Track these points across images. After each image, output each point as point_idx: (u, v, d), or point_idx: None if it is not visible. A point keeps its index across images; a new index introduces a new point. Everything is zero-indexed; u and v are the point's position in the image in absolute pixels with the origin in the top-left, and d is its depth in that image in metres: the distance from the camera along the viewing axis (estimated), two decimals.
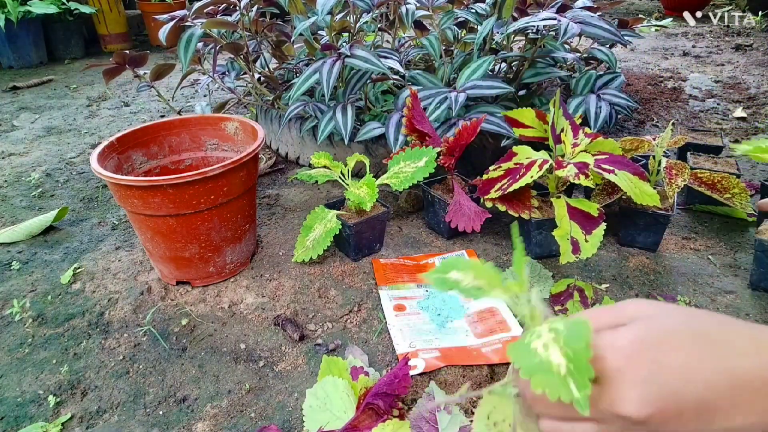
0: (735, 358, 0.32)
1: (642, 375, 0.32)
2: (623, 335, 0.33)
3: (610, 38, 0.93)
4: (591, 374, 0.30)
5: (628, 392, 0.32)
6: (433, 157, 0.84)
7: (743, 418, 0.32)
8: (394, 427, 0.54)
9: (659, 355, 0.32)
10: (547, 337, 0.33)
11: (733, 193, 0.87)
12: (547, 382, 0.31)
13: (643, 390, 0.31)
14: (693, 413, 0.32)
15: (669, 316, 0.34)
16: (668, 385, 0.31)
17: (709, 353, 0.32)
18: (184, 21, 1.05)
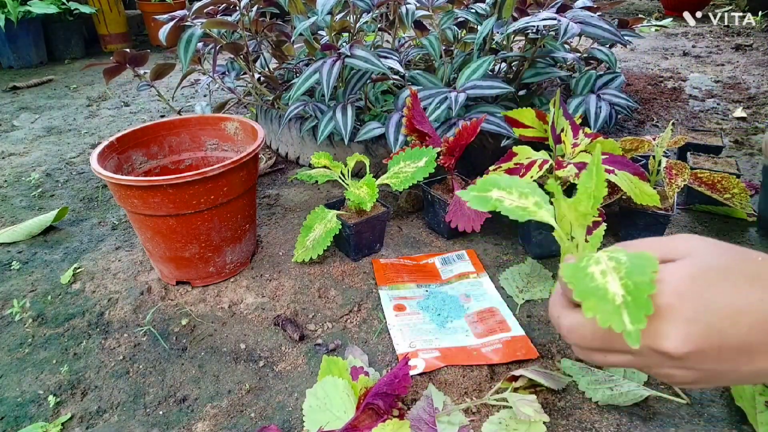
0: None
1: (689, 314, 0.31)
2: (674, 271, 0.33)
3: (610, 38, 0.93)
4: (650, 310, 0.30)
5: (672, 329, 0.31)
6: (433, 157, 0.84)
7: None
8: (394, 427, 0.54)
9: (708, 295, 0.32)
10: (606, 265, 0.33)
11: (733, 193, 0.87)
12: (600, 309, 0.31)
13: (688, 328, 0.31)
14: (734, 353, 0.32)
15: (721, 254, 0.34)
16: (713, 325, 0.31)
17: (759, 296, 0.32)
18: (184, 21, 1.05)
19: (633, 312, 0.30)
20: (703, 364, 0.33)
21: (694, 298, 0.32)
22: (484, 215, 0.84)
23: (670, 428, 0.58)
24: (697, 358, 0.32)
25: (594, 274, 0.33)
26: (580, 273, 0.33)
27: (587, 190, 0.38)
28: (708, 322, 0.31)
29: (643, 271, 0.32)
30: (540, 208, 0.39)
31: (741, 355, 0.32)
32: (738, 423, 0.58)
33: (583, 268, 0.33)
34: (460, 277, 0.83)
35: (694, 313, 0.31)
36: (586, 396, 0.62)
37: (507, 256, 0.90)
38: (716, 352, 0.32)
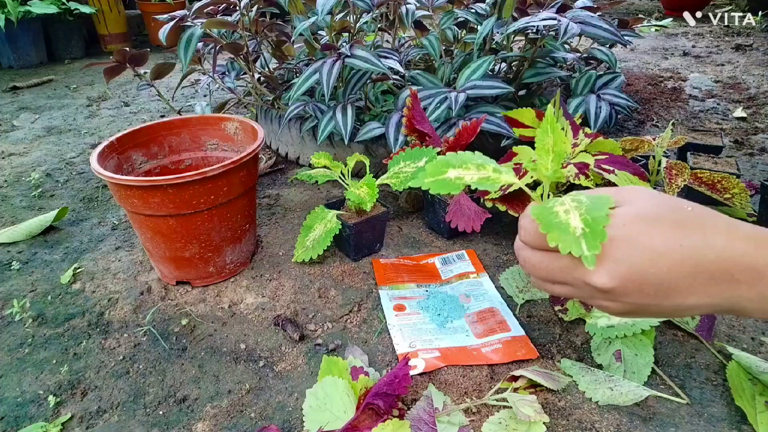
0: (702, 248, 0.36)
1: (615, 254, 0.36)
2: (615, 216, 0.37)
3: (610, 38, 0.93)
4: (604, 238, 0.35)
5: (600, 267, 0.37)
6: (433, 157, 0.84)
7: (696, 298, 0.37)
8: (394, 427, 0.54)
9: (634, 239, 0.36)
10: (569, 205, 0.38)
11: (733, 193, 0.87)
12: (562, 239, 0.36)
13: (614, 267, 0.36)
14: (652, 290, 0.37)
15: (655, 204, 0.38)
16: (635, 265, 0.36)
17: (680, 241, 0.36)
18: (184, 21, 1.05)
19: (590, 240, 0.35)
20: (627, 298, 0.38)
21: (622, 242, 0.36)
22: (485, 215, 0.84)
23: (670, 428, 0.58)
24: (620, 292, 0.37)
25: (558, 213, 0.38)
26: (547, 212, 0.38)
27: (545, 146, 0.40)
28: (631, 263, 0.36)
29: (600, 208, 0.37)
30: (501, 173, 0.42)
31: (660, 292, 0.37)
32: (738, 423, 0.58)
33: (550, 208, 0.38)
34: (460, 277, 0.83)
35: (620, 254, 0.36)
36: (586, 396, 0.62)
37: (507, 256, 0.90)
38: (638, 289, 0.37)
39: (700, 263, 0.36)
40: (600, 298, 0.39)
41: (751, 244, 0.36)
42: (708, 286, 0.37)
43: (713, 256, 0.36)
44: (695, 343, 0.69)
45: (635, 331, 0.67)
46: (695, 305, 0.38)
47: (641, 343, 0.67)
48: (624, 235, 0.37)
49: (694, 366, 0.66)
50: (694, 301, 0.37)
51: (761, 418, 0.57)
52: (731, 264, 0.36)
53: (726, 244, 0.36)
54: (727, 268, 0.36)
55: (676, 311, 0.39)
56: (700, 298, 0.37)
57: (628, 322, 0.68)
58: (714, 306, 0.38)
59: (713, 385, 0.63)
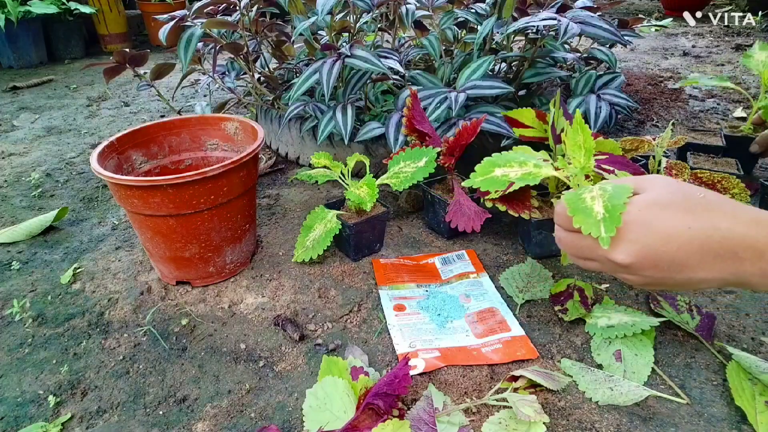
0: (708, 230, 0.42)
1: (632, 236, 0.43)
2: (633, 203, 0.44)
3: (610, 38, 0.93)
4: (619, 223, 0.42)
5: (620, 246, 0.44)
6: (433, 157, 0.84)
7: (705, 273, 0.43)
8: (394, 427, 0.54)
9: (649, 222, 0.43)
10: (596, 192, 0.45)
11: (733, 194, 0.87)
12: (585, 221, 0.43)
13: (629, 246, 0.43)
14: (666, 265, 0.43)
15: (670, 192, 0.44)
16: (648, 245, 0.43)
17: (689, 224, 0.42)
18: (184, 21, 1.05)
19: (608, 224, 0.43)
20: (645, 272, 0.44)
21: (637, 225, 0.43)
22: (485, 215, 0.84)
23: (670, 428, 0.58)
24: (638, 267, 0.44)
25: (586, 199, 0.45)
26: (576, 198, 0.45)
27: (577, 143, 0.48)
28: (644, 243, 0.43)
29: (619, 197, 0.43)
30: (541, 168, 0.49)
31: (673, 268, 0.43)
32: (738, 423, 0.58)
33: (579, 194, 0.46)
34: (460, 277, 0.83)
35: (635, 236, 0.43)
36: (586, 396, 0.62)
37: (507, 256, 0.90)
38: (653, 264, 0.43)
39: (707, 243, 0.41)
40: (622, 272, 0.46)
41: (753, 226, 0.41)
42: (715, 263, 0.42)
43: (718, 236, 0.41)
44: (695, 343, 0.69)
45: (635, 331, 0.67)
46: (705, 279, 0.43)
47: (641, 343, 0.67)
48: (639, 219, 0.43)
49: (694, 366, 0.66)
50: (704, 275, 0.43)
51: (761, 418, 0.57)
52: (734, 244, 0.41)
53: (730, 226, 0.41)
54: (731, 247, 0.41)
55: (689, 284, 0.44)
56: (708, 273, 0.42)
57: (628, 322, 0.68)
58: (723, 280, 0.43)
59: (713, 385, 0.63)
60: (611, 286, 0.81)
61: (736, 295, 0.78)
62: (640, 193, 0.45)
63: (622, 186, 0.45)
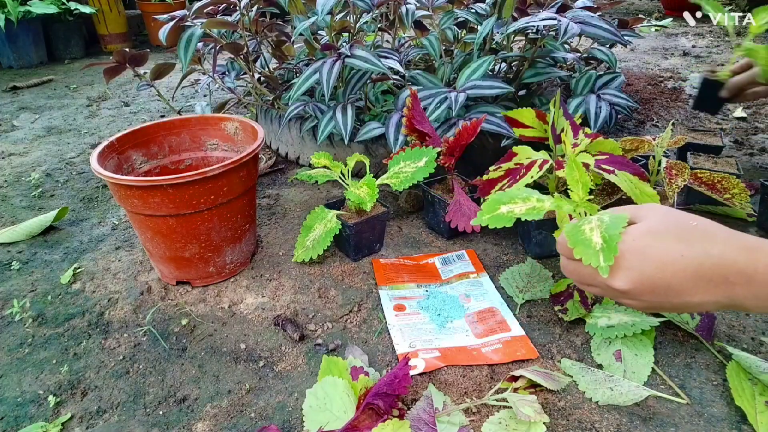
0: (700, 257, 0.44)
1: (627, 264, 0.46)
2: (629, 232, 0.47)
3: (610, 38, 0.93)
4: (616, 252, 0.45)
5: (618, 274, 0.46)
6: (433, 157, 0.84)
7: (700, 297, 0.45)
8: (394, 427, 0.54)
9: (644, 250, 0.45)
10: (594, 224, 0.48)
11: (733, 193, 0.87)
12: (585, 252, 0.46)
13: (627, 274, 0.46)
14: (662, 291, 0.45)
15: (665, 221, 0.47)
16: (645, 272, 0.45)
17: (682, 252, 0.45)
18: (184, 21, 1.05)
19: (606, 254, 0.45)
20: (643, 297, 0.47)
21: (633, 254, 0.46)
22: None
23: (670, 428, 0.58)
24: (636, 293, 0.46)
25: (585, 230, 0.48)
26: (576, 229, 0.48)
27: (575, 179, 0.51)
28: (641, 270, 0.45)
29: (616, 227, 0.46)
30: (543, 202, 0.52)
31: (669, 293, 0.45)
32: (738, 423, 0.58)
33: (579, 226, 0.49)
34: (460, 277, 0.83)
35: (631, 264, 0.46)
36: (586, 396, 0.62)
37: (507, 256, 0.90)
38: (650, 290, 0.46)
39: (700, 270, 0.44)
40: (622, 297, 0.48)
41: (743, 252, 0.44)
42: (708, 288, 0.44)
43: (710, 263, 0.44)
44: (695, 343, 0.69)
45: (635, 331, 0.67)
46: (701, 302, 0.45)
47: (641, 343, 0.67)
48: (635, 248, 0.46)
49: (694, 366, 0.66)
50: (699, 299, 0.45)
51: (761, 418, 0.57)
52: (726, 270, 0.43)
53: (721, 253, 0.44)
54: (722, 273, 0.44)
55: (686, 307, 0.46)
56: (703, 297, 0.45)
57: (628, 322, 0.68)
58: (717, 303, 0.45)
59: (713, 385, 0.63)
60: None
61: None
62: (636, 222, 0.48)
63: (618, 216, 0.48)
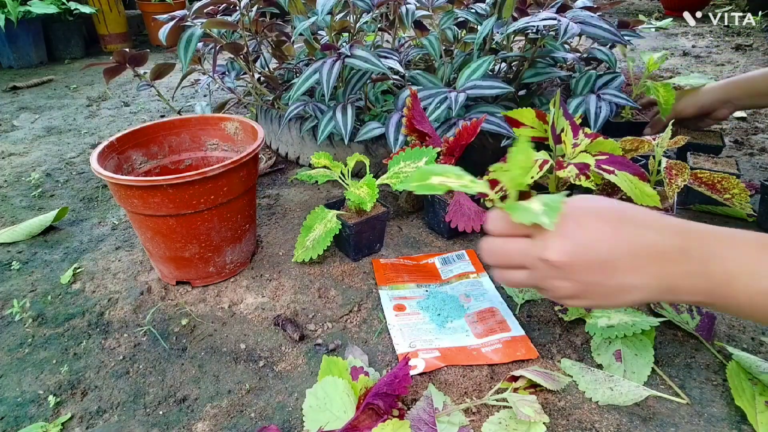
0: (636, 235, 0.44)
1: (565, 232, 0.44)
2: (567, 204, 0.45)
3: (610, 38, 0.93)
4: (560, 210, 0.43)
5: (553, 241, 0.44)
6: (433, 157, 0.84)
7: (634, 278, 0.44)
8: (394, 427, 0.54)
9: (582, 221, 0.45)
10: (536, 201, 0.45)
11: (733, 194, 0.87)
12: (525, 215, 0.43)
13: (563, 242, 0.44)
14: (597, 267, 0.44)
15: (599, 204, 0.47)
16: (581, 244, 0.44)
17: (620, 227, 0.44)
18: (184, 21, 1.05)
19: (549, 212, 0.43)
20: (576, 275, 0.44)
21: (571, 224, 0.44)
22: (485, 215, 0.84)
23: (670, 428, 0.58)
24: (570, 268, 0.44)
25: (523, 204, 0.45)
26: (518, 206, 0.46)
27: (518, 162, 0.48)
28: (578, 242, 0.44)
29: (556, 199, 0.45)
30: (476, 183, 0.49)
31: (604, 269, 0.44)
32: (738, 423, 0.58)
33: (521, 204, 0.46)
34: (460, 277, 0.83)
35: (569, 234, 0.44)
36: (586, 396, 0.62)
37: None
38: (585, 265, 0.44)
39: (635, 245, 0.44)
40: (553, 276, 0.46)
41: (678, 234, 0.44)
42: (642, 266, 0.44)
43: (646, 241, 0.44)
44: (695, 343, 0.69)
45: (635, 331, 0.67)
46: (635, 285, 0.44)
47: (641, 343, 0.67)
48: (573, 220, 0.45)
49: (694, 366, 0.66)
50: (633, 280, 0.44)
51: (761, 418, 0.57)
52: (661, 246, 0.44)
53: (656, 234, 0.44)
54: (658, 250, 0.44)
55: (620, 291, 0.45)
56: (637, 278, 0.44)
57: (628, 322, 0.68)
58: (652, 287, 0.44)
59: (713, 385, 0.63)
60: None
61: None
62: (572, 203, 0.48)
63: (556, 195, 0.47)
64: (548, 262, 0.44)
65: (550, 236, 0.44)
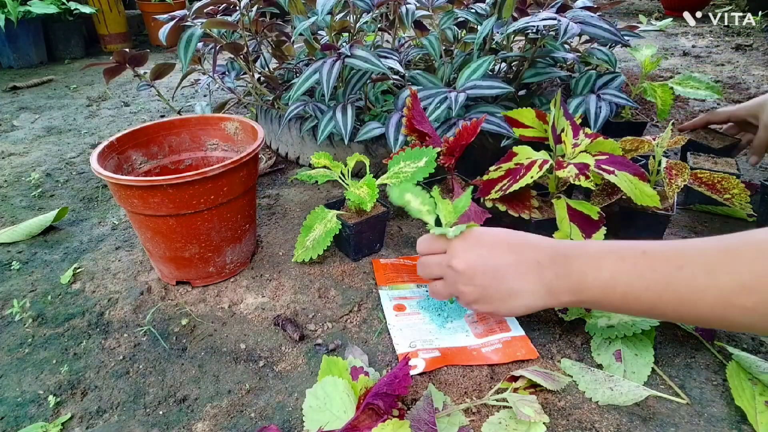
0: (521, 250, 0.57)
1: (467, 247, 0.59)
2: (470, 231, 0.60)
3: (610, 38, 0.93)
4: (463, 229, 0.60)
5: (458, 252, 0.59)
6: (433, 157, 0.84)
7: (522, 283, 0.56)
8: (394, 427, 0.54)
9: (482, 239, 0.59)
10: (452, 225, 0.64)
11: (733, 194, 0.87)
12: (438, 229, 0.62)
13: (466, 253, 0.58)
14: (491, 273, 0.57)
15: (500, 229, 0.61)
16: (480, 256, 0.58)
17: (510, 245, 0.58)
18: (184, 21, 1.05)
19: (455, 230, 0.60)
20: (476, 280, 0.58)
21: (472, 241, 0.59)
22: (485, 215, 0.84)
23: (670, 428, 0.58)
24: (471, 274, 0.58)
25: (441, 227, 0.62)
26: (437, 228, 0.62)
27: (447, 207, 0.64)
28: (477, 253, 0.58)
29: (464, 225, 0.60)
30: (431, 214, 0.63)
31: (496, 276, 0.57)
32: (738, 423, 0.58)
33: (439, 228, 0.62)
34: None
35: (467, 248, 0.59)
36: (586, 396, 0.62)
37: None
38: (481, 271, 0.57)
39: (519, 258, 0.57)
40: (459, 282, 0.59)
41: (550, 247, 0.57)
42: (526, 273, 0.56)
43: (526, 255, 0.57)
44: (695, 343, 0.69)
45: (635, 331, 0.67)
46: (523, 289, 0.56)
47: (641, 343, 0.67)
48: (475, 237, 0.59)
49: (694, 366, 0.66)
50: (520, 285, 0.56)
51: (761, 418, 0.57)
52: (539, 257, 0.56)
53: (535, 248, 0.57)
54: (536, 259, 0.56)
55: (510, 296, 0.57)
56: (523, 283, 0.56)
57: (628, 322, 0.68)
58: (536, 291, 0.56)
59: (713, 385, 0.63)
60: None
61: None
62: None
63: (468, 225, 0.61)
64: (453, 268, 0.58)
65: (458, 249, 0.59)
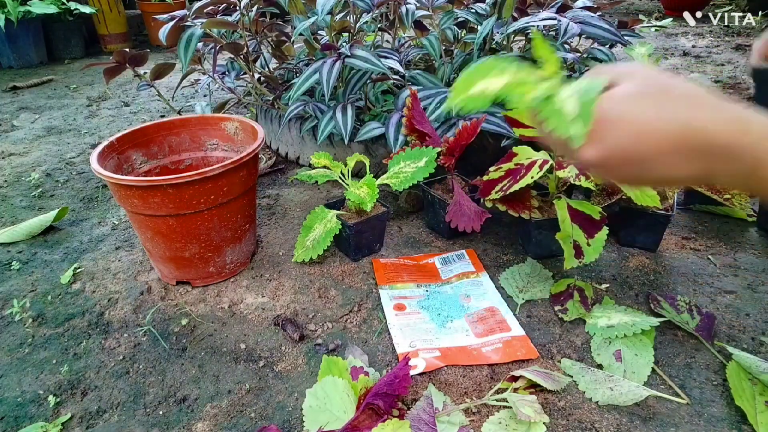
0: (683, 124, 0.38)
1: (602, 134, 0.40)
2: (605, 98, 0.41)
3: (610, 38, 0.93)
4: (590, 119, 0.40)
5: (589, 143, 0.41)
6: (433, 157, 0.84)
7: (677, 171, 0.40)
8: (394, 427, 0.54)
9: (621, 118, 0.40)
10: (571, 91, 0.43)
11: (733, 194, 0.87)
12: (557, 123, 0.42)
13: (600, 144, 0.41)
14: (637, 162, 0.41)
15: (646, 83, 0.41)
16: (619, 144, 0.40)
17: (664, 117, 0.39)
18: (184, 21, 1.05)
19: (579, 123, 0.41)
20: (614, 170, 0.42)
21: (608, 122, 0.40)
22: (485, 215, 0.84)
23: (670, 428, 0.58)
24: (607, 166, 0.42)
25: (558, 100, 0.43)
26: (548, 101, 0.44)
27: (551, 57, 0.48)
28: (614, 142, 0.40)
29: (591, 92, 0.42)
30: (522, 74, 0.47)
31: (643, 165, 0.41)
32: (738, 423, 0.58)
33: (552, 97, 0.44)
34: (460, 277, 0.83)
35: (603, 135, 0.40)
36: (586, 396, 0.62)
37: (507, 256, 0.90)
38: (621, 162, 0.41)
39: (679, 140, 0.39)
40: (593, 168, 0.44)
41: (732, 123, 0.38)
42: (687, 160, 0.39)
43: (692, 134, 0.38)
44: (695, 343, 0.69)
45: (635, 331, 0.67)
46: (676, 176, 0.41)
47: (641, 343, 0.67)
48: (610, 117, 0.40)
49: (694, 366, 0.66)
50: (675, 173, 0.41)
51: (761, 418, 0.57)
52: (709, 142, 0.38)
53: (707, 122, 0.38)
54: (705, 145, 0.38)
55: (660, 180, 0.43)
56: (680, 171, 0.40)
57: (628, 322, 0.68)
58: (693, 177, 0.41)
59: (713, 385, 0.63)
60: (611, 285, 0.81)
61: (736, 295, 0.78)
62: (617, 85, 0.42)
63: (595, 81, 0.43)
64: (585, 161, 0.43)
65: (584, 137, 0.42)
